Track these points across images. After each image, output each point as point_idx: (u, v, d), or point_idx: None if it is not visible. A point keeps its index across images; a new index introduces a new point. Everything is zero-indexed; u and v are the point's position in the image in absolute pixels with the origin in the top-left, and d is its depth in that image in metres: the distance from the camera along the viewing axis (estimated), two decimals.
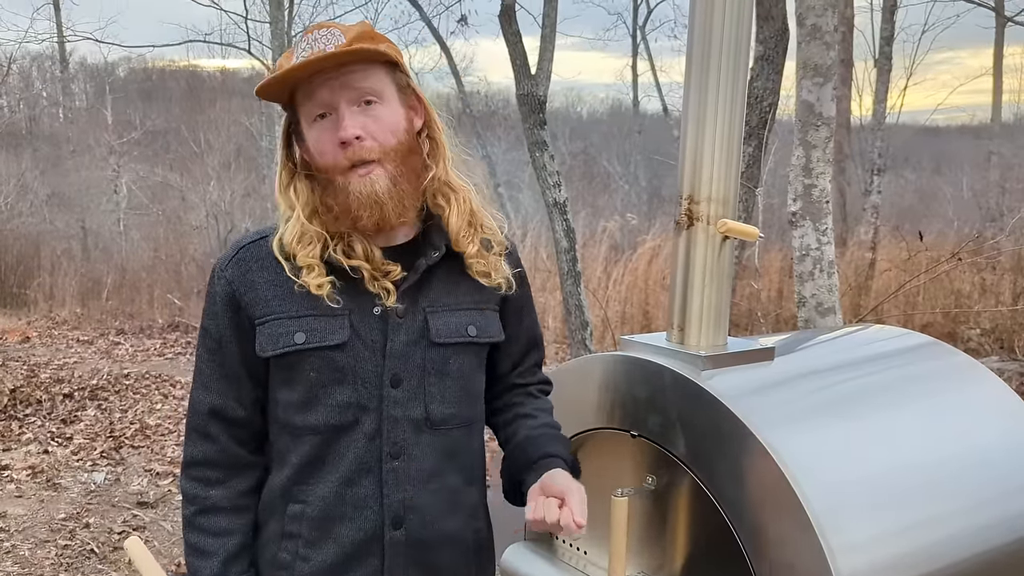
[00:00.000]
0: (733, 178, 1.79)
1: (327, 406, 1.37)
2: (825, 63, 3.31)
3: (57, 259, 11.73)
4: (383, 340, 1.37)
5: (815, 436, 1.64)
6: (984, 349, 7.70)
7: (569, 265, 5.22)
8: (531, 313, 1.59)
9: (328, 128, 1.34)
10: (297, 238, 1.36)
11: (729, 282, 1.85)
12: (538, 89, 5.12)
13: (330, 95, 1.33)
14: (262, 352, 1.37)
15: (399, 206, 1.35)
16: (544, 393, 1.65)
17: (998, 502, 1.72)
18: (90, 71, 25.44)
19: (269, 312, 1.37)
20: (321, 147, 1.35)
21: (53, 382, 6.88)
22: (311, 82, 1.33)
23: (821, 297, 3.37)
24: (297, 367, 1.37)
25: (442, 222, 1.42)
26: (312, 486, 1.38)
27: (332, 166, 1.34)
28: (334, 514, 1.38)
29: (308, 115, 1.36)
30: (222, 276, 1.41)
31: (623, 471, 1.84)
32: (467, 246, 1.42)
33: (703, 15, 1.76)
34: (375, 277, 1.37)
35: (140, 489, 4.74)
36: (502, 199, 13.52)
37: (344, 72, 1.33)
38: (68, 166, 16.28)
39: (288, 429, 1.40)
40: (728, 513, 1.58)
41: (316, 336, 1.35)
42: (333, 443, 1.37)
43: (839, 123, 11.79)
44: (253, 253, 1.41)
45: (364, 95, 1.34)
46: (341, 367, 1.36)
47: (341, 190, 1.34)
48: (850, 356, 2.04)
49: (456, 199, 1.43)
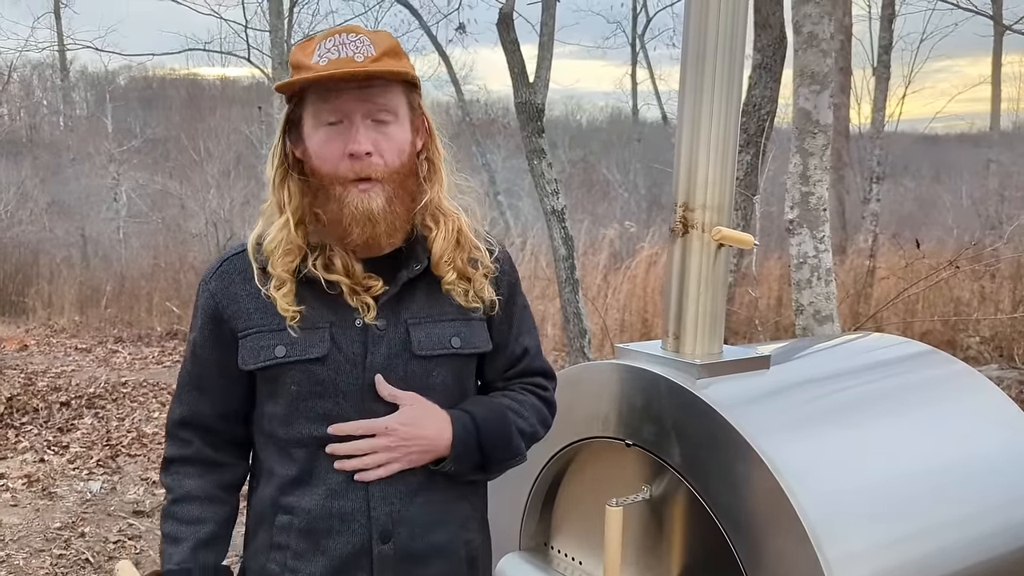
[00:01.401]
0: (728, 186, 1.79)
1: (309, 419, 1.36)
2: (822, 71, 3.31)
3: (56, 267, 11.72)
4: (363, 353, 1.36)
5: (811, 445, 1.63)
6: (984, 357, 7.68)
7: (567, 273, 5.21)
8: (523, 323, 1.53)
9: (337, 136, 1.32)
10: (278, 244, 1.34)
11: (724, 290, 1.84)
12: (536, 97, 5.12)
13: (348, 105, 1.31)
14: (244, 365, 1.36)
15: (391, 226, 1.35)
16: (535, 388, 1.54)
17: (997, 511, 1.71)
18: (90, 79, 25.49)
19: (251, 325, 1.36)
20: (324, 153, 1.33)
21: (50, 390, 6.86)
22: (331, 88, 1.31)
23: (819, 305, 3.35)
24: (279, 380, 1.36)
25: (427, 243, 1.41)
26: (299, 498, 1.37)
27: (332, 174, 1.32)
28: (322, 527, 1.36)
29: (317, 117, 1.33)
30: (206, 289, 1.41)
31: (618, 480, 1.83)
32: (446, 272, 1.40)
33: (698, 23, 1.75)
34: (355, 291, 1.36)
35: (136, 498, 4.72)
36: (502, 207, 13.54)
37: (367, 85, 1.32)
38: (68, 174, 16.30)
39: (273, 441, 1.39)
40: (723, 523, 1.56)
41: (296, 349, 1.34)
42: (318, 456, 1.36)
43: (838, 131, 11.80)
44: (236, 266, 1.40)
45: (380, 111, 1.33)
46: (322, 380, 1.35)
47: (335, 200, 1.32)
48: (847, 364, 2.03)
49: (445, 224, 1.41)
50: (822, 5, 3.26)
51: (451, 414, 1.39)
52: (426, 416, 1.37)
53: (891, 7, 10.10)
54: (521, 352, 1.53)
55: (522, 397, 1.51)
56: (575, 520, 1.99)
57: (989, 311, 8.21)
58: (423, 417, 1.36)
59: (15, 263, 11.64)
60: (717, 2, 1.73)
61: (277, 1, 11.95)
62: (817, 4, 3.26)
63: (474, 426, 1.39)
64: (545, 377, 1.57)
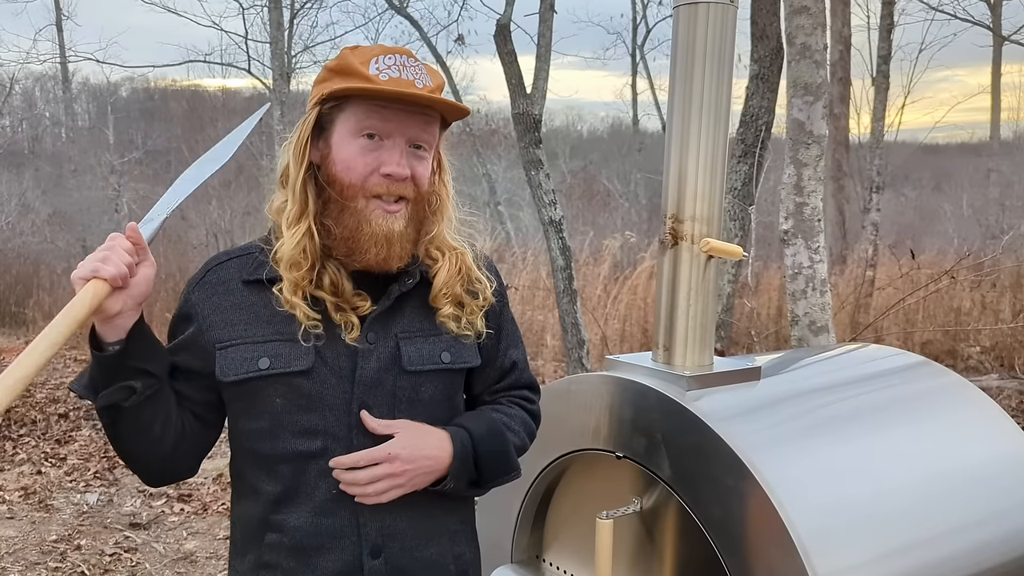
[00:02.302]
0: (717, 197, 1.79)
1: (294, 434, 1.33)
2: (815, 82, 3.31)
3: (57, 278, 11.70)
4: (352, 367, 1.34)
5: (801, 458, 1.62)
6: (984, 367, 7.66)
7: (565, 283, 5.20)
8: (510, 338, 1.53)
9: (373, 150, 1.31)
10: (300, 252, 1.31)
11: (715, 301, 1.84)
12: (534, 108, 5.13)
13: (396, 127, 1.32)
14: (223, 377, 1.33)
15: (403, 249, 1.34)
16: (521, 407, 1.54)
17: (989, 523, 1.70)
18: (92, 91, 25.54)
19: (234, 336, 1.34)
20: (356, 163, 1.31)
21: (48, 402, 6.84)
22: (385, 104, 1.31)
23: (814, 315, 3.35)
24: (261, 394, 1.33)
25: (429, 273, 1.40)
26: (287, 516, 1.35)
27: (358, 186, 1.31)
28: (311, 544, 1.35)
29: (356, 127, 1.32)
30: (188, 297, 1.39)
31: (609, 493, 1.82)
32: (443, 305, 1.40)
33: (686, 35, 1.76)
34: (341, 308, 1.34)
35: (133, 510, 4.70)
36: (502, 217, 13.56)
37: (420, 111, 1.33)
38: (70, 185, 16.29)
39: (258, 458, 1.37)
40: (714, 537, 1.56)
41: (280, 361, 1.32)
42: (304, 472, 1.34)
43: (838, 141, 11.81)
44: (220, 276, 1.38)
45: (420, 139, 1.35)
46: (307, 394, 1.33)
47: (353, 215, 1.31)
48: (839, 376, 2.02)
49: (449, 257, 1.42)
50: (815, 16, 3.27)
51: (448, 431, 1.38)
52: (426, 436, 1.35)
53: (889, 17, 10.12)
54: (510, 365, 1.53)
55: (512, 411, 1.50)
56: (567, 532, 1.99)
57: (989, 321, 8.19)
58: (423, 437, 1.35)
59: (15, 274, 11.61)
60: (705, 14, 1.73)
61: (277, 13, 12.01)
62: (810, 15, 3.27)
63: (471, 443, 1.38)
64: (531, 390, 1.57)
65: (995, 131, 15.65)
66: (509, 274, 8.76)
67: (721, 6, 1.73)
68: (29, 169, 18.26)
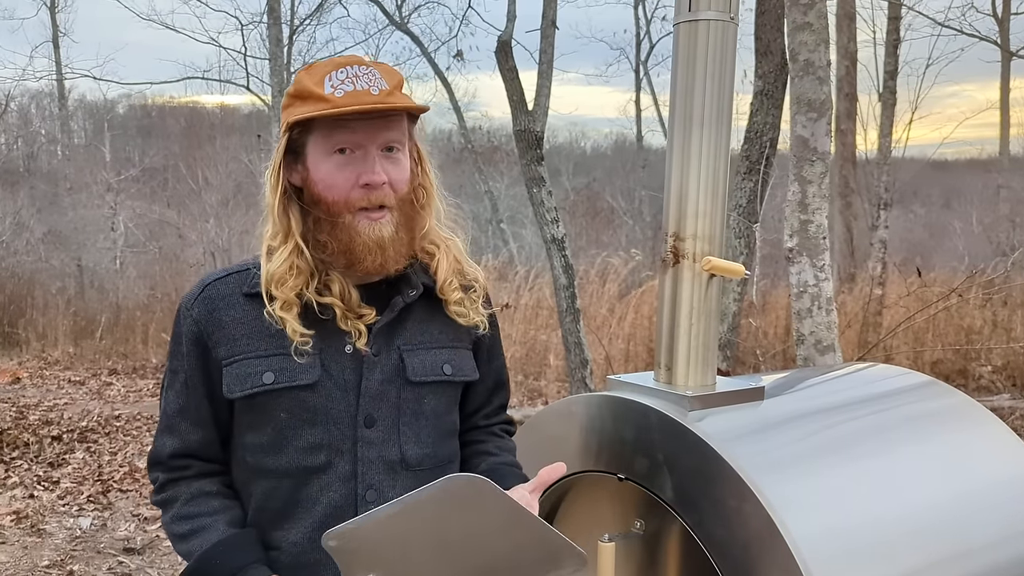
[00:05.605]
0: (719, 215, 1.77)
1: (297, 448, 1.34)
2: (819, 98, 3.30)
3: (51, 298, 11.61)
4: (357, 379, 1.35)
5: (805, 480, 1.59)
6: (995, 386, 7.59)
7: (568, 302, 5.18)
8: (499, 356, 1.58)
9: (348, 165, 1.33)
10: (289, 267, 1.33)
11: (717, 320, 1.81)
12: (535, 125, 5.13)
13: (362, 136, 1.33)
14: (229, 394, 1.34)
15: (398, 253, 1.36)
16: (508, 433, 1.63)
17: (997, 547, 1.66)
18: (89, 108, 25.29)
19: (237, 352, 1.34)
20: (335, 181, 1.33)
21: (42, 424, 6.73)
22: (347, 119, 1.32)
23: (820, 334, 3.31)
24: (266, 408, 1.34)
25: (429, 269, 1.44)
26: (286, 532, 1.35)
27: (342, 202, 1.33)
28: (309, 560, 1.34)
29: (326, 146, 1.34)
30: (188, 315, 1.38)
31: (610, 515, 1.79)
32: (451, 294, 1.43)
33: (686, 50, 1.74)
34: (348, 316, 1.36)
35: (127, 535, 4.63)
36: (505, 235, 13.53)
37: (382, 115, 1.34)
38: (65, 204, 16.13)
39: (258, 473, 1.37)
40: (717, 559, 1.53)
41: (285, 376, 1.32)
42: (305, 487, 1.34)
43: (845, 157, 11.78)
44: (219, 291, 1.38)
45: (392, 142, 1.36)
46: (312, 407, 1.33)
47: (344, 229, 1.33)
48: (844, 396, 1.99)
49: (444, 248, 1.45)
50: (818, 33, 3.26)
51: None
52: None
53: (896, 32, 10.12)
54: (495, 384, 1.57)
55: (511, 444, 1.58)
56: None
57: (1001, 339, 8.12)
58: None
59: (9, 294, 11.50)
60: (706, 31, 1.72)
61: (276, 29, 12.08)
62: (813, 32, 3.26)
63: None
64: (508, 417, 1.64)
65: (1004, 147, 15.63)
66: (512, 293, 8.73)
67: (721, 23, 1.71)
68: (24, 187, 18.08)
